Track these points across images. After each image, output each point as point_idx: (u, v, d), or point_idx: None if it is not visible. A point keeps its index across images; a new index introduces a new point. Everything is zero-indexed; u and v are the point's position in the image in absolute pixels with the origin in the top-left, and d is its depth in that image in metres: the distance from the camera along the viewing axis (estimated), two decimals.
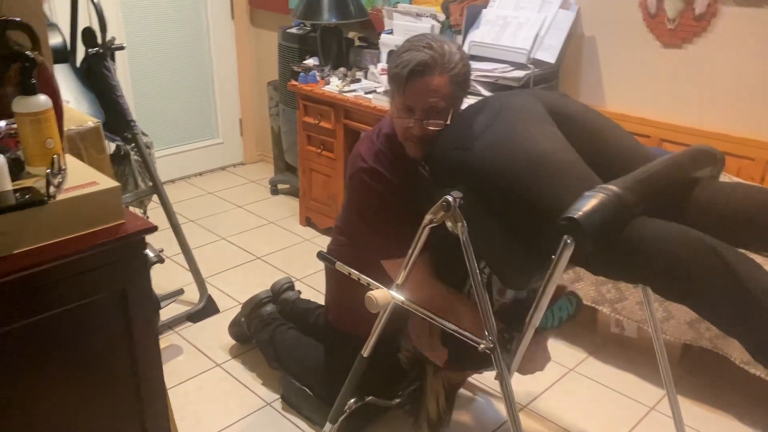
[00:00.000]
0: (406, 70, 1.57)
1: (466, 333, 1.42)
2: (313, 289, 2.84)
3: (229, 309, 2.70)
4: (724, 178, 2.27)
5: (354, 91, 3.01)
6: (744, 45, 2.32)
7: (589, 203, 1.17)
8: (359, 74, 3.18)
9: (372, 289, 1.56)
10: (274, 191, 3.92)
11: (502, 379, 1.38)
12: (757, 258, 1.27)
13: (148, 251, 2.36)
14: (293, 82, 3.24)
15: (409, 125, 1.62)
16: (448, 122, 1.61)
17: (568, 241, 1.18)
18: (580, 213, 1.16)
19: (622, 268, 1.24)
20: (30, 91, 1.12)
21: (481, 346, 1.38)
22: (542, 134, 1.39)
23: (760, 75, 2.31)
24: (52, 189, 1.08)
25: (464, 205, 1.37)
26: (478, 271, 1.40)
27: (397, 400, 2.01)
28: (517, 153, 1.35)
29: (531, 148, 1.35)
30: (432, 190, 1.48)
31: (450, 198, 1.36)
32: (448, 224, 1.39)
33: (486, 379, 2.28)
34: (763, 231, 1.28)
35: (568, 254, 1.19)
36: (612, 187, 1.20)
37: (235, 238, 3.35)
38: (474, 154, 1.40)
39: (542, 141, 1.37)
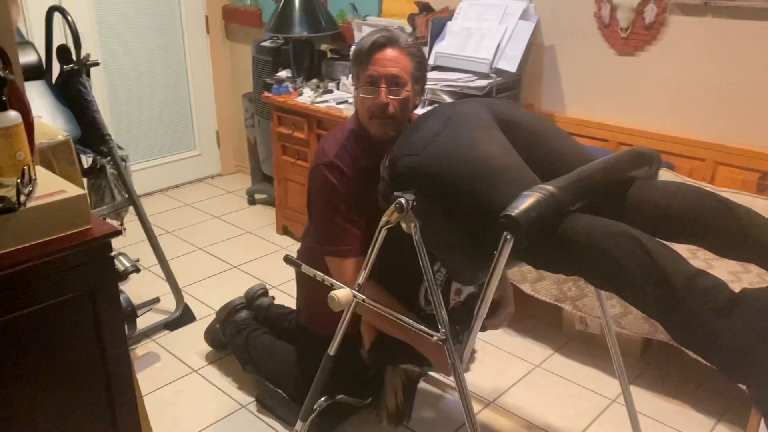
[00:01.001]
0: (366, 46, 1.75)
1: (420, 326, 1.51)
2: (290, 296, 2.90)
3: (206, 317, 2.74)
4: (676, 177, 2.38)
5: (326, 101, 3.10)
6: (691, 51, 2.43)
7: (526, 202, 1.27)
8: (331, 85, 3.27)
9: (335, 289, 1.64)
10: (252, 201, 3.98)
11: (455, 369, 1.46)
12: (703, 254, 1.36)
13: (124, 260, 2.43)
14: (267, 94, 3.32)
15: (373, 95, 1.74)
16: (410, 91, 1.75)
17: (508, 236, 1.27)
18: (518, 211, 1.25)
19: (557, 261, 1.33)
20: (0, 107, 1.20)
21: (434, 338, 1.46)
22: (488, 140, 1.48)
23: (706, 80, 2.43)
24: (22, 197, 1.16)
25: (417, 207, 1.46)
26: (431, 271, 1.49)
27: (370, 399, 2.08)
28: (464, 158, 1.45)
29: (477, 153, 1.45)
30: (388, 194, 1.57)
31: (403, 200, 1.45)
32: (403, 225, 1.48)
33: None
34: (689, 224, 1.38)
35: (507, 249, 1.28)
36: (548, 187, 1.29)
37: (212, 248, 3.41)
38: (425, 159, 1.49)
39: (488, 146, 1.46)
